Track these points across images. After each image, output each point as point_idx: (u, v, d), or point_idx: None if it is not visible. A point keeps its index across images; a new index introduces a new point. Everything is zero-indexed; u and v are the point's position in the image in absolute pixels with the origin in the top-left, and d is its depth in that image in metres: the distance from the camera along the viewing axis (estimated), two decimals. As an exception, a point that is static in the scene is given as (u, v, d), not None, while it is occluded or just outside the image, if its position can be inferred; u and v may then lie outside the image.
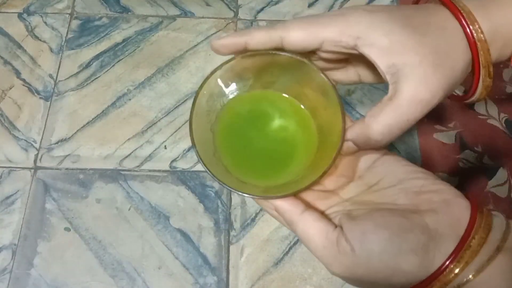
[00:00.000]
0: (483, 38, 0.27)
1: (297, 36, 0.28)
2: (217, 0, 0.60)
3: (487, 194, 0.49)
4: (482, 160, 0.51)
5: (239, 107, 0.32)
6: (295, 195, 0.28)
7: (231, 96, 0.32)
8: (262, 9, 0.60)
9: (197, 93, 0.29)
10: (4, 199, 0.48)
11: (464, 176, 0.50)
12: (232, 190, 0.27)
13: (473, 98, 0.30)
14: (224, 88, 0.31)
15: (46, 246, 0.46)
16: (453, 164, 0.51)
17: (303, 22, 0.28)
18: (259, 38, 0.28)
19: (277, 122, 0.32)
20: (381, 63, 0.26)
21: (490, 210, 0.27)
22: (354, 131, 0.27)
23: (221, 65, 0.29)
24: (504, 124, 0.53)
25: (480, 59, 0.27)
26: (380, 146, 0.29)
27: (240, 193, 0.27)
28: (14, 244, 0.46)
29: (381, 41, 0.26)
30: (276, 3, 0.60)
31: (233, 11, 0.60)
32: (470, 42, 0.27)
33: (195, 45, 0.57)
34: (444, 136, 0.52)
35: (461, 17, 0.27)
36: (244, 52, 0.29)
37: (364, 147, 0.28)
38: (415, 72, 0.26)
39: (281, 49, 0.29)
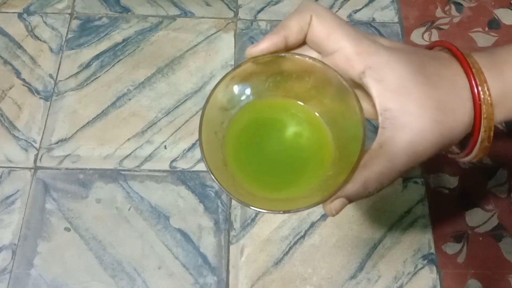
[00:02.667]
0: (489, 102, 0.26)
1: (322, 28, 0.26)
2: (217, 0, 0.60)
3: (487, 194, 0.49)
4: (482, 160, 0.51)
5: (251, 115, 0.30)
6: (314, 206, 0.26)
7: (243, 103, 0.30)
8: (262, 9, 0.60)
9: (207, 100, 0.27)
10: (4, 199, 0.48)
11: (464, 176, 0.50)
12: (243, 204, 0.26)
13: (466, 159, 0.29)
14: (236, 95, 0.29)
15: (46, 246, 0.46)
16: (453, 164, 0.51)
17: (334, 20, 0.27)
18: (294, 26, 0.27)
19: (290, 132, 0.30)
20: (380, 103, 0.25)
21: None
22: (348, 189, 0.25)
23: (233, 70, 0.28)
24: (504, 124, 0.53)
25: (482, 122, 0.26)
26: (368, 197, 0.27)
27: (252, 208, 0.25)
28: (14, 244, 0.46)
29: (390, 81, 0.25)
30: (276, 3, 0.60)
31: (233, 11, 0.60)
32: (476, 104, 0.26)
33: (195, 45, 0.57)
34: (444, 136, 0.52)
35: (471, 76, 0.26)
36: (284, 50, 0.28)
37: (356, 200, 0.26)
38: (414, 124, 0.25)
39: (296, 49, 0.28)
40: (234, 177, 0.28)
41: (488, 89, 0.26)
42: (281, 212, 0.30)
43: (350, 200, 0.26)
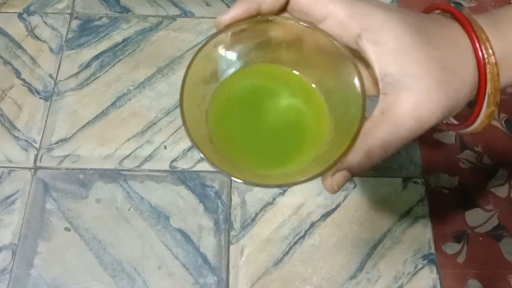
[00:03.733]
0: (493, 61, 0.24)
1: None
2: (217, 0, 0.60)
3: (487, 194, 0.49)
4: (482, 160, 0.51)
5: (237, 84, 0.27)
6: (306, 182, 0.23)
7: (229, 72, 0.27)
8: (262, 9, 0.60)
9: (188, 66, 0.24)
10: (4, 199, 0.48)
11: (464, 176, 0.50)
12: (231, 176, 0.23)
13: (471, 128, 0.27)
14: (218, 64, 0.26)
15: (46, 246, 0.46)
16: (453, 164, 0.51)
17: None
18: None
19: (282, 103, 0.27)
20: (380, 67, 0.24)
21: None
22: (350, 159, 0.23)
23: (215, 34, 0.25)
24: (504, 124, 0.53)
25: (487, 84, 0.25)
26: (372, 168, 0.25)
27: (244, 182, 0.23)
28: (14, 244, 0.46)
29: (388, 43, 0.23)
30: (276, 3, 0.60)
31: (233, 11, 0.60)
32: (480, 64, 0.25)
33: (195, 45, 0.57)
34: (444, 136, 0.52)
35: (474, 35, 0.25)
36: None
37: (359, 173, 0.24)
38: (417, 85, 0.23)
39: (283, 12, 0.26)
40: (222, 154, 0.25)
41: (491, 48, 0.24)
42: (275, 185, 0.28)
43: (352, 172, 0.24)
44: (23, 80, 0.55)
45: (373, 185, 0.50)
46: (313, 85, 0.27)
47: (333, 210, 0.48)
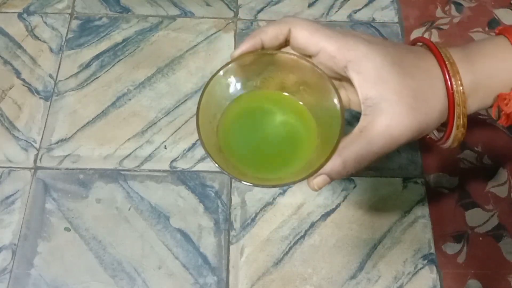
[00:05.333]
0: (461, 91, 0.28)
1: (302, 35, 0.29)
2: (217, 0, 0.60)
3: (487, 194, 0.49)
4: (482, 160, 0.51)
5: (242, 106, 0.33)
6: (303, 180, 0.29)
7: (236, 94, 0.33)
8: (262, 9, 0.60)
9: (203, 90, 0.30)
10: (4, 199, 0.48)
11: (464, 176, 0.50)
12: (236, 179, 0.29)
13: (446, 145, 0.32)
14: (228, 89, 0.32)
15: (46, 246, 0.46)
16: (453, 164, 0.51)
17: (311, 26, 0.30)
18: (271, 32, 0.30)
19: (278, 120, 0.33)
20: (361, 92, 0.28)
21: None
22: (328, 167, 0.28)
23: (226, 64, 0.31)
24: (504, 125, 0.53)
25: (455, 110, 0.28)
26: (348, 176, 0.30)
27: (245, 183, 0.28)
28: (14, 244, 0.46)
29: (369, 72, 0.28)
30: (276, 3, 0.60)
31: (233, 11, 0.60)
32: (449, 93, 0.28)
33: (195, 45, 0.57)
34: (444, 136, 0.52)
35: (444, 68, 0.28)
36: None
37: (337, 178, 0.29)
38: (390, 110, 0.27)
39: (282, 47, 0.31)
40: (228, 161, 0.31)
41: (460, 79, 0.28)
42: (270, 186, 0.34)
43: (330, 177, 0.29)
44: (23, 80, 0.55)
45: (373, 185, 0.50)
46: (304, 106, 0.33)
47: (333, 210, 0.48)
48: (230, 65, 0.31)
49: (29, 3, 0.60)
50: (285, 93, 0.34)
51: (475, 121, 0.53)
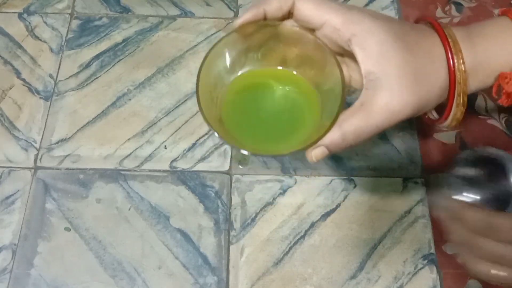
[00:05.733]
0: (463, 69, 0.28)
1: (307, 7, 0.29)
2: (217, 0, 0.60)
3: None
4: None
5: (245, 81, 0.33)
6: (305, 149, 0.29)
7: (237, 65, 0.33)
8: (262, 9, 0.60)
9: (203, 59, 0.30)
10: (4, 199, 0.48)
11: (464, 176, 0.50)
12: (235, 147, 0.31)
13: (444, 124, 0.32)
14: (231, 56, 0.32)
15: (46, 246, 0.46)
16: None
17: None
18: (275, 3, 0.30)
19: (280, 95, 0.33)
20: (364, 67, 0.28)
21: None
22: (328, 138, 0.28)
23: (228, 34, 0.31)
24: (504, 124, 0.53)
25: (456, 88, 0.29)
26: (348, 149, 0.30)
27: (244, 152, 0.29)
28: (14, 244, 0.46)
29: (372, 47, 0.28)
30: (276, 3, 0.60)
31: (233, 11, 0.60)
32: (450, 71, 0.29)
33: (195, 45, 0.57)
34: (444, 136, 0.52)
35: (447, 46, 0.29)
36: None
37: (335, 151, 0.29)
38: (392, 85, 0.27)
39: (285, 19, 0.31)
40: (228, 132, 0.31)
41: (462, 58, 0.28)
42: (269, 155, 0.36)
43: (329, 149, 0.29)
44: (23, 80, 0.55)
45: (373, 185, 0.50)
46: (306, 80, 0.33)
47: (333, 210, 0.48)
48: (231, 35, 0.30)
49: (29, 3, 0.60)
50: (287, 69, 0.33)
51: (475, 121, 0.53)
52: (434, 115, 0.34)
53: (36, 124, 0.52)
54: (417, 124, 0.53)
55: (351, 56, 0.30)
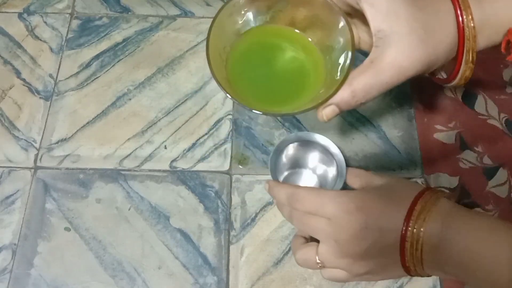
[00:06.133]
0: (472, 25, 0.28)
1: None
2: (217, 0, 0.60)
3: (487, 194, 0.49)
4: (482, 160, 0.51)
5: (251, 40, 0.33)
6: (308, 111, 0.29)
7: (245, 28, 0.33)
8: (262, 9, 0.60)
9: (212, 22, 0.31)
10: (4, 199, 0.48)
11: (464, 176, 0.50)
12: (246, 107, 0.30)
13: (454, 83, 0.32)
14: (238, 19, 0.32)
15: (46, 246, 0.46)
16: (453, 164, 0.51)
17: None
18: None
19: (287, 55, 0.34)
20: (373, 25, 0.29)
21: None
22: (338, 96, 0.29)
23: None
24: (504, 124, 0.53)
25: (465, 44, 0.29)
26: (358, 107, 0.31)
27: (254, 111, 0.29)
28: (14, 244, 0.46)
29: (381, 5, 0.28)
30: (276, 3, 0.60)
31: (233, 11, 0.60)
32: (459, 27, 0.29)
33: (195, 45, 0.57)
34: (444, 136, 0.52)
35: (456, 2, 0.29)
36: None
37: (346, 108, 0.30)
38: (401, 41, 0.28)
39: None
40: (237, 93, 0.32)
41: (471, 14, 0.28)
42: (280, 115, 0.37)
43: (339, 107, 0.30)
44: (23, 80, 0.55)
45: (373, 185, 0.50)
46: (313, 42, 0.34)
47: (333, 210, 0.48)
48: None
49: (29, 3, 0.60)
50: (296, 30, 0.34)
51: (475, 121, 0.53)
52: (442, 75, 0.34)
53: (36, 124, 0.52)
54: (417, 124, 0.53)
55: (360, 17, 0.30)
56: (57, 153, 0.51)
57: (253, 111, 0.30)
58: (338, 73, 0.30)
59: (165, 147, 0.51)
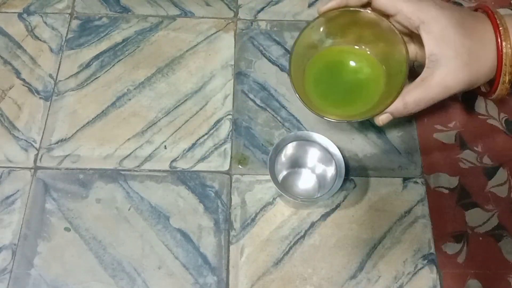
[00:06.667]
0: (510, 53, 0.34)
1: (383, 2, 0.35)
2: (217, 0, 0.60)
3: (487, 194, 0.49)
4: (482, 160, 0.51)
5: (325, 56, 0.40)
6: (374, 116, 0.37)
7: (322, 45, 0.40)
8: (262, 9, 0.60)
9: (296, 38, 0.38)
10: (4, 199, 0.48)
11: (464, 176, 0.50)
12: (319, 115, 0.37)
13: (492, 97, 0.38)
14: (316, 37, 0.39)
15: (46, 246, 0.46)
16: (453, 164, 0.51)
17: None
18: None
19: (353, 69, 0.41)
20: (428, 49, 0.34)
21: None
22: (392, 106, 0.35)
23: (316, 18, 0.37)
24: (504, 124, 0.53)
25: (503, 68, 0.34)
26: (408, 115, 0.38)
27: (326, 118, 0.37)
28: (14, 244, 0.46)
29: (436, 32, 0.34)
30: (276, 3, 0.60)
31: (233, 11, 0.60)
32: (499, 54, 0.34)
33: (195, 45, 0.57)
34: (444, 136, 0.52)
35: (497, 32, 0.34)
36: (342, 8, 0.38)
37: (398, 116, 0.36)
38: (449, 64, 0.33)
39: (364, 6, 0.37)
40: (310, 98, 0.39)
41: (510, 43, 0.34)
42: (346, 121, 0.44)
43: (393, 115, 0.37)
44: (23, 80, 0.55)
45: (373, 185, 0.50)
46: (374, 57, 0.41)
47: (333, 210, 0.48)
48: (317, 20, 0.37)
49: (29, 3, 0.60)
50: (361, 47, 0.40)
51: (475, 121, 0.53)
52: (485, 88, 0.40)
53: (36, 124, 0.52)
54: (417, 124, 0.53)
55: (418, 37, 0.36)
56: (57, 153, 0.51)
57: (325, 118, 0.37)
58: (395, 86, 0.36)
59: (165, 147, 0.51)
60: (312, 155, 0.47)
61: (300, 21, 0.59)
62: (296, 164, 0.49)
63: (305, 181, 0.49)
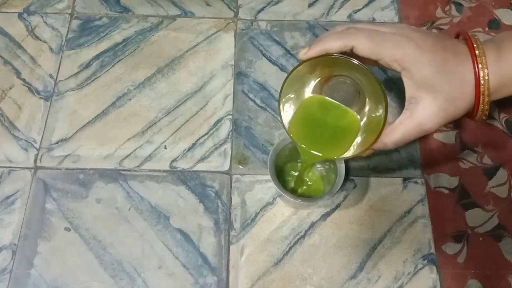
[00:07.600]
0: (487, 93, 0.35)
1: (364, 48, 0.36)
2: (217, 0, 0.60)
3: (487, 194, 0.49)
4: (482, 160, 0.51)
5: (307, 101, 0.42)
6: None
7: (303, 89, 0.41)
8: (262, 9, 0.60)
9: (282, 84, 0.39)
10: (4, 199, 0.48)
11: (464, 176, 0.50)
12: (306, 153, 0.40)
13: (473, 120, 0.39)
14: (299, 82, 0.41)
15: (46, 246, 0.46)
16: (453, 164, 0.51)
17: (372, 40, 0.36)
18: (338, 46, 0.37)
19: (332, 114, 0.42)
20: (408, 92, 0.36)
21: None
22: (375, 146, 0.38)
23: (298, 65, 0.39)
24: (504, 124, 0.53)
25: (480, 104, 0.36)
26: (389, 150, 0.41)
27: (313, 152, 0.40)
28: (14, 244, 0.46)
29: (417, 79, 0.35)
30: (276, 3, 0.60)
31: (233, 11, 0.60)
32: (477, 89, 0.35)
33: (195, 45, 0.57)
34: (444, 136, 0.52)
35: (477, 73, 0.35)
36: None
37: (379, 150, 0.39)
38: (426, 109, 0.36)
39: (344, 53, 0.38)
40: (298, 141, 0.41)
41: (488, 82, 0.35)
42: (329, 160, 0.44)
43: (374, 150, 0.39)
44: (23, 80, 0.55)
45: (373, 185, 0.50)
46: (353, 108, 0.42)
47: (333, 210, 0.48)
48: (300, 67, 0.38)
49: (29, 3, 0.60)
50: (341, 104, 0.42)
51: (475, 121, 0.53)
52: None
53: (36, 124, 0.52)
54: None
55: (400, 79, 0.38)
56: (57, 153, 0.51)
57: (314, 152, 0.40)
58: (373, 126, 0.38)
59: (165, 147, 0.51)
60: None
61: (300, 21, 0.59)
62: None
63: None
